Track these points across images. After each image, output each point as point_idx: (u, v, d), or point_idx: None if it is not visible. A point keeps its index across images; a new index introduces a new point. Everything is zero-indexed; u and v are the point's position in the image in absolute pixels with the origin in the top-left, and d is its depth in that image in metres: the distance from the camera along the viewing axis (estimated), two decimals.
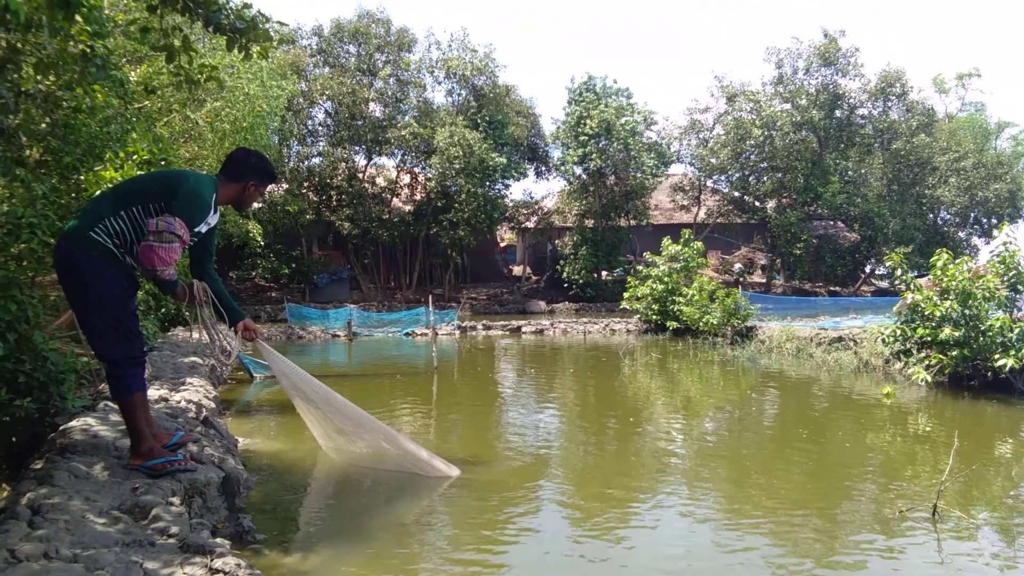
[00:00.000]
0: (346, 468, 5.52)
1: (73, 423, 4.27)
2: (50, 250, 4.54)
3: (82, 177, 5.69)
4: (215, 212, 3.92)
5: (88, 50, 4.64)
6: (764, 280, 32.51)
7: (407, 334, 19.61)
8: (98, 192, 5.07)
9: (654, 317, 19.23)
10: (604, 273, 30.99)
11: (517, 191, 38.98)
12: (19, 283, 4.48)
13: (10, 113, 4.71)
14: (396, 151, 29.93)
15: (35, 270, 5.17)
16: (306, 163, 29.37)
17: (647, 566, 3.92)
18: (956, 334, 9.34)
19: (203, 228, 3.85)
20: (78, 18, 4.38)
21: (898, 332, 10.42)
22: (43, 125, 5.38)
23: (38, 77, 4.82)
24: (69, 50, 4.59)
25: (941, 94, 38.26)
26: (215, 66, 5.70)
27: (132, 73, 8.31)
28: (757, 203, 33.17)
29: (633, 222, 30.67)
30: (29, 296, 4.47)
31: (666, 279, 18.80)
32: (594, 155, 28.35)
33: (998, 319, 9.19)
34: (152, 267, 3.55)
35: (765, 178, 32.06)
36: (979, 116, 37.41)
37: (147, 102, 8.01)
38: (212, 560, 2.81)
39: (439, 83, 30.69)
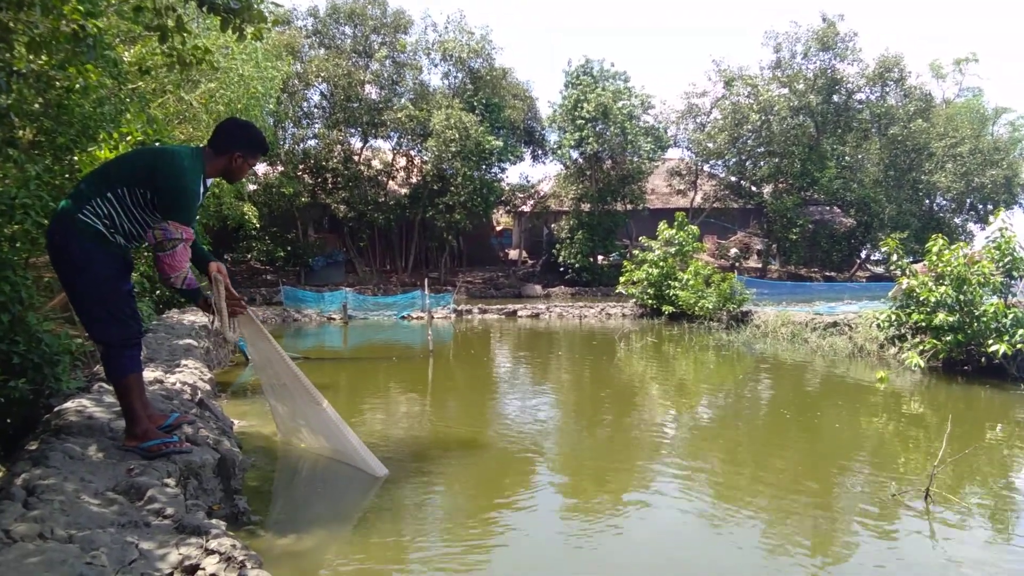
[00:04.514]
0: None
1: (68, 404, 4.26)
2: (44, 231, 4.51)
3: (76, 158, 5.66)
4: (205, 187, 3.88)
5: (80, 29, 4.59)
6: (760, 265, 32.53)
7: (403, 317, 19.60)
8: (86, 172, 5.04)
9: (650, 302, 19.25)
10: (600, 257, 30.97)
11: (513, 175, 39.08)
12: (13, 264, 4.46)
13: (2, 93, 4.67)
14: (392, 133, 29.78)
15: (29, 251, 5.14)
16: (301, 145, 29.20)
17: (641, 553, 3.94)
18: (950, 319, 9.37)
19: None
20: None
21: (893, 317, 10.45)
22: (36, 105, 5.34)
23: (30, 56, 4.78)
24: (61, 29, 4.54)
25: (938, 79, 38.12)
26: (208, 48, 5.65)
27: (126, 53, 8.23)
28: (754, 188, 33.13)
29: (629, 206, 30.63)
30: (23, 277, 4.45)
31: (662, 263, 18.81)
32: (591, 139, 28.25)
33: (992, 305, 9.22)
34: (167, 278, 3.64)
35: (762, 163, 32.00)
36: (976, 102, 37.30)
37: (141, 83, 7.97)
38: (208, 541, 2.81)
39: (435, 65, 30.50)
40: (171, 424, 4.06)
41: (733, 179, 33.28)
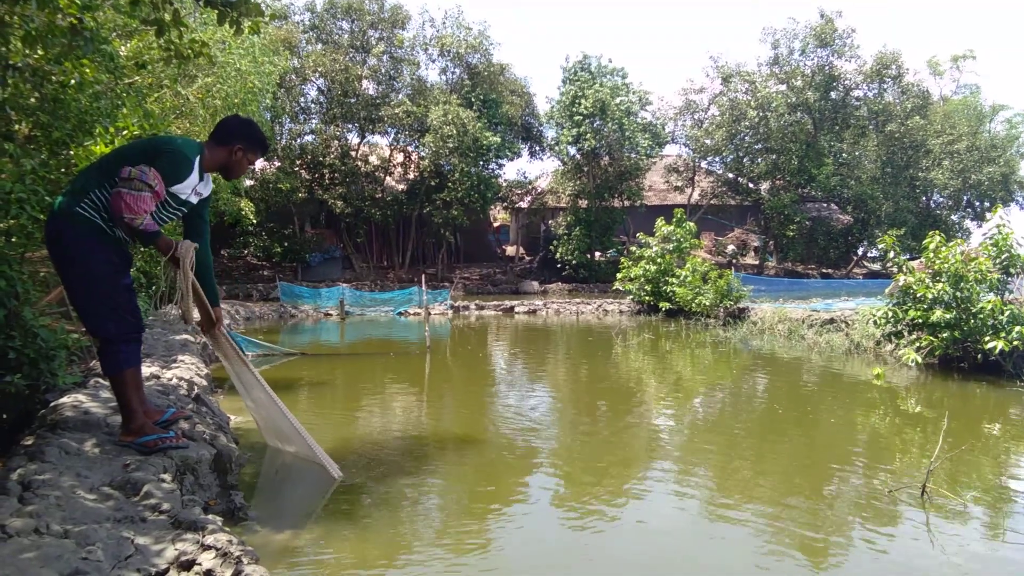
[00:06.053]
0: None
1: (64, 399, 4.25)
2: (39, 226, 4.50)
3: (72, 152, 5.64)
4: (205, 182, 3.86)
5: (77, 23, 4.56)
6: (757, 262, 32.56)
7: (399, 313, 19.60)
8: (83, 168, 5.01)
9: (647, 298, 19.27)
10: (597, 254, 30.99)
11: (511, 171, 39.09)
12: (8, 259, 4.44)
13: None
14: (389, 129, 29.74)
15: (25, 246, 5.12)
16: (298, 140, 29.14)
17: (636, 551, 3.94)
18: (947, 316, 9.38)
19: (192, 197, 3.80)
20: None
21: (889, 314, 10.46)
22: (32, 99, 5.31)
23: (26, 51, 4.75)
24: (57, 23, 4.51)
25: (936, 76, 38.08)
26: (205, 42, 5.62)
27: (122, 47, 8.18)
28: (751, 184, 33.16)
29: (627, 203, 30.63)
30: (19, 272, 4.43)
31: (659, 260, 18.83)
32: (588, 135, 28.23)
33: (989, 302, 9.23)
34: (120, 214, 3.40)
35: (759, 159, 32.03)
36: (973, 99, 37.32)
37: (137, 77, 7.93)
38: (204, 536, 2.80)
39: (433, 61, 30.47)
40: (167, 419, 4.06)
41: (731, 176, 33.32)
